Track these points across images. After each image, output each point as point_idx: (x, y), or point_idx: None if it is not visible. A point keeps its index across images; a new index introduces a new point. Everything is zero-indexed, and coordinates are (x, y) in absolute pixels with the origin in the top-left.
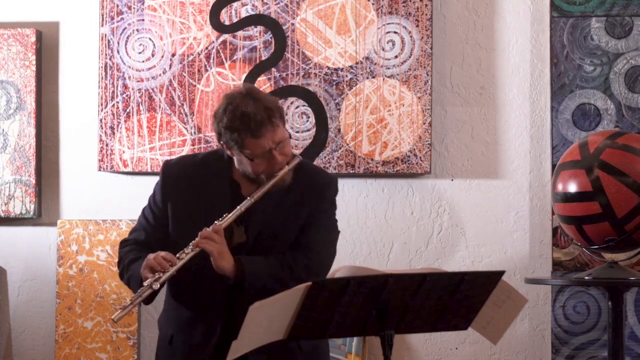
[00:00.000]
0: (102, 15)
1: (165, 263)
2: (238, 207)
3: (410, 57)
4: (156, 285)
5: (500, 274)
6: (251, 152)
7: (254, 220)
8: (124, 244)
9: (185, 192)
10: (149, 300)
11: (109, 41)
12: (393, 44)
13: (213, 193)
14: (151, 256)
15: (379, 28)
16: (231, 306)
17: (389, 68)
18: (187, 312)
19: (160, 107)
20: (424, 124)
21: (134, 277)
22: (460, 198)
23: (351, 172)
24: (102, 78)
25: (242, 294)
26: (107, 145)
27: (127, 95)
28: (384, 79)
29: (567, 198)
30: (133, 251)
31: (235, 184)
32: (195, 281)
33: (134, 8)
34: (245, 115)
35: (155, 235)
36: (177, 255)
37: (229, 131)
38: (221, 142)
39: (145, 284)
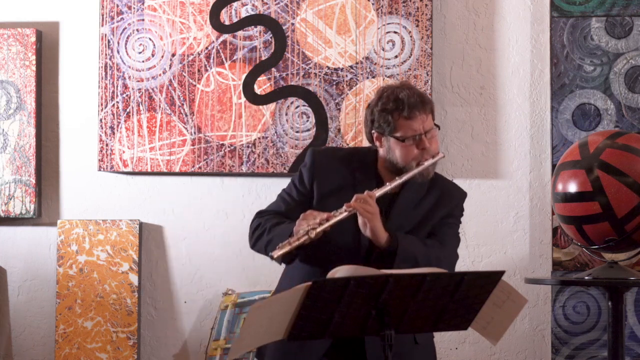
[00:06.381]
0: (102, 15)
1: (322, 217)
2: (388, 184)
3: (410, 57)
4: (312, 234)
5: (500, 274)
6: (403, 134)
7: (394, 215)
8: (262, 213)
9: (333, 175)
10: (290, 259)
11: (109, 41)
12: (393, 44)
13: (358, 181)
14: (307, 212)
15: (379, 28)
16: None
17: (389, 68)
18: None
19: (160, 107)
20: None
21: (280, 234)
22: None
23: None
24: (102, 78)
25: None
26: (107, 145)
27: (127, 95)
28: (384, 79)
29: (567, 198)
30: (274, 218)
31: (380, 179)
32: (331, 259)
33: (134, 8)
34: (400, 99)
35: (293, 207)
36: (331, 213)
37: (383, 113)
38: (372, 132)
39: (301, 231)
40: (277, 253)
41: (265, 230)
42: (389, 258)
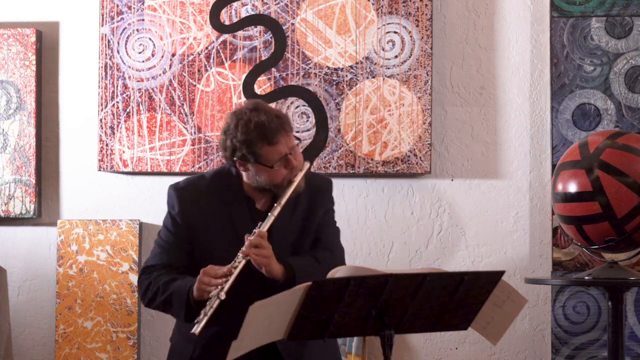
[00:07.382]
0: (102, 15)
1: (224, 273)
2: (269, 214)
3: (410, 57)
4: (222, 295)
5: (500, 274)
6: (269, 160)
7: (274, 234)
8: (148, 269)
9: (205, 214)
10: (193, 318)
11: (109, 41)
12: (393, 44)
13: (232, 210)
14: (207, 268)
15: (379, 28)
16: None
17: (389, 68)
18: (212, 329)
19: (160, 107)
20: (424, 124)
21: (177, 293)
22: (460, 198)
23: (351, 172)
24: (102, 78)
25: None
26: (107, 145)
27: (127, 95)
28: (384, 79)
29: (567, 198)
30: (163, 275)
31: (249, 199)
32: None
33: (134, 8)
34: (260, 125)
35: (177, 254)
36: (230, 265)
37: (245, 145)
38: (234, 159)
39: (211, 295)
40: (198, 329)
41: (159, 290)
42: (288, 287)
